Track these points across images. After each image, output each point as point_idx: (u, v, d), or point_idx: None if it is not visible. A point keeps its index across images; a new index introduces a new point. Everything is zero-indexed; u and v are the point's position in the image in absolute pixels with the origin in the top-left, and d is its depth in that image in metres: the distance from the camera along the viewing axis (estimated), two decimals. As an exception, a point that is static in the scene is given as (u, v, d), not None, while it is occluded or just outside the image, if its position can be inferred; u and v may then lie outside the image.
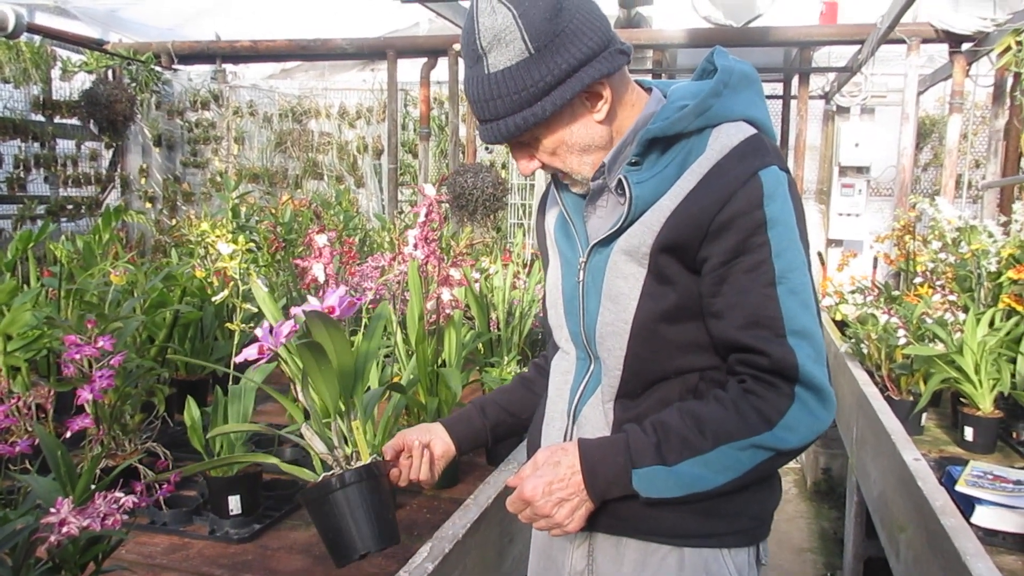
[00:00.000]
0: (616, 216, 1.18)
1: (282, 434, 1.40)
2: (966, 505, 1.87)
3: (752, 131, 1.15)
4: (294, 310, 1.31)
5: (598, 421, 1.23)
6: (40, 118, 5.61)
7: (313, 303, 1.27)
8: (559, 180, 1.29)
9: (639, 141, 1.16)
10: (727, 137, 1.13)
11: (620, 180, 1.16)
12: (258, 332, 1.25)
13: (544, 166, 1.21)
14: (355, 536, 1.25)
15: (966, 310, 2.61)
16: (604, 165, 1.18)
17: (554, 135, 1.15)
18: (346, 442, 1.37)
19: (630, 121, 1.20)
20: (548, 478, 1.15)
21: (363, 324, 1.49)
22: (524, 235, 5.54)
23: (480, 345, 2.54)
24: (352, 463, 1.32)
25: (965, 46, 4.82)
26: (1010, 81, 4.85)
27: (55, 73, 5.68)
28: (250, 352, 1.23)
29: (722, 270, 1.11)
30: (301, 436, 1.35)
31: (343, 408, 1.35)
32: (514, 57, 1.08)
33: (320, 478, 1.28)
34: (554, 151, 1.17)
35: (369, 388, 1.60)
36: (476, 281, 2.68)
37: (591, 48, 1.10)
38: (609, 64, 1.11)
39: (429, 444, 1.41)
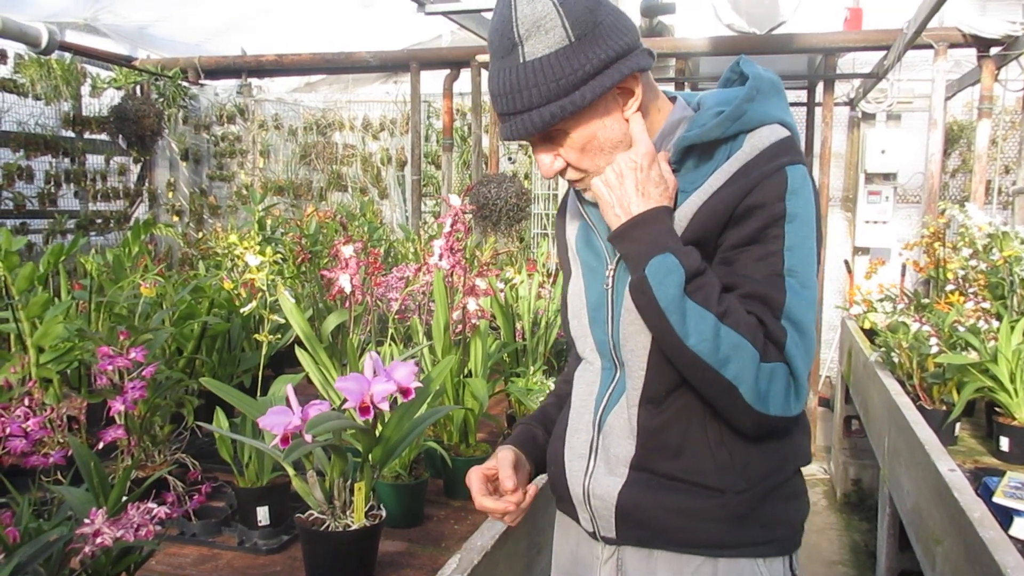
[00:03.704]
0: None
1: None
2: (1004, 517, 1.84)
3: (786, 133, 1.16)
4: (315, 408, 1.32)
5: (623, 428, 1.21)
6: (70, 134, 5.70)
7: (350, 387, 1.27)
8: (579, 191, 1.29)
9: (676, 148, 1.17)
10: (759, 139, 1.14)
11: None
12: (274, 418, 1.27)
13: (568, 167, 1.19)
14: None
15: (999, 318, 2.57)
16: None
17: (586, 129, 1.13)
18: (347, 501, 1.45)
19: (657, 126, 1.20)
20: (651, 182, 1.14)
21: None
22: (548, 245, 5.54)
23: (506, 355, 2.53)
24: (347, 513, 1.44)
25: (993, 50, 4.75)
26: (1040, 85, 4.78)
27: (85, 89, 5.78)
28: (274, 425, 1.26)
29: (732, 252, 1.12)
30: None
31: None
32: (554, 44, 1.07)
33: (311, 519, 1.45)
34: (583, 147, 1.15)
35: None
36: (501, 291, 2.68)
37: (626, 43, 1.10)
38: (642, 61, 1.12)
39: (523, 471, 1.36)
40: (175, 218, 6.51)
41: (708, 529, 1.16)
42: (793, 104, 6.42)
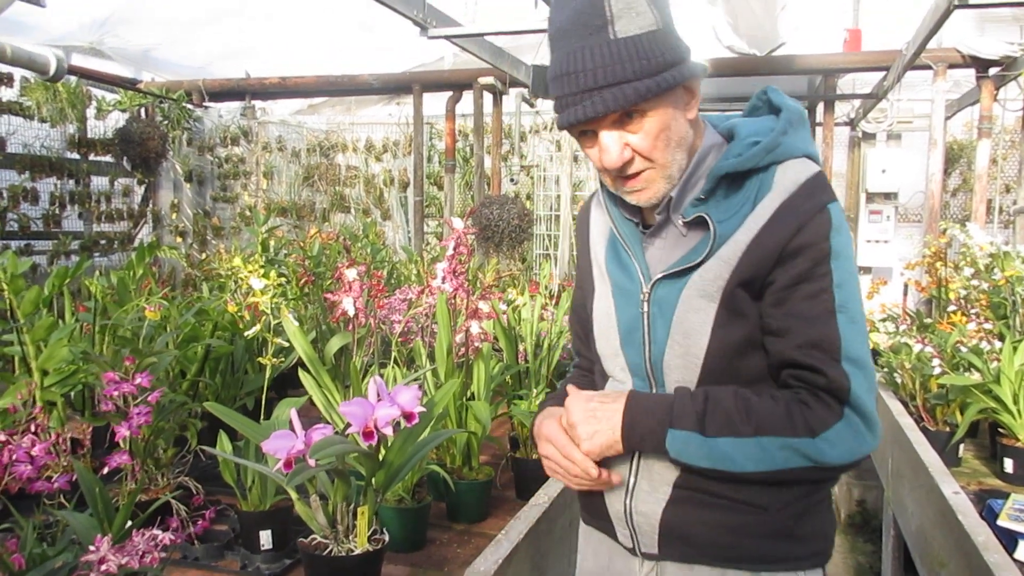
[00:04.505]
0: (681, 250, 1.20)
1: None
2: (1008, 540, 1.83)
3: (816, 168, 1.18)
4: (319, 433, 1.32)
5: None
6: (75, 156, 5.74)
7: (354, 411, 1.27)
8: (610, 205, 1.29)
9: (711, 177, 1.18)
10: (795, 173, 1.16)
11: (700, 217, 1.17)
12: (277, 443, 1.28)
13: (635, 157, 1.16)
14: None
15: (1002, 338, 2.57)
16: (671, 198, 1.20)
17: (664, 114, 1.13)
18: (350, 526, 1.44)
19: (697, 145, 1.22)
20: (593, 404, 1.20)
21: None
22: (551, 266, 5.54)
23: (508, 377, 2.53)
24: (350, 537, 1.42)
25: (992, 71, 4.79)
26: (1039, 105, 4.80)
27: (90, 112, 5.83)
28: (278, 449, 1.27)
29: (783, 293, 1.14)
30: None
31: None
32: (645, 26, 1.10)
33: (314, 543, 1.43)
34: (658, 134, 1.14)
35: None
36: (503, 313, 2.68)
37: (686, 45, 1.14)
38: (701, 65, 1.16)
39: None
40: (179, 239, 6.54)
41: (751, 545, 1.19)
42: (793, 124, 6.46)
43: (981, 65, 4.78)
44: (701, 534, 1.19)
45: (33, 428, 1.43)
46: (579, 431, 1.19)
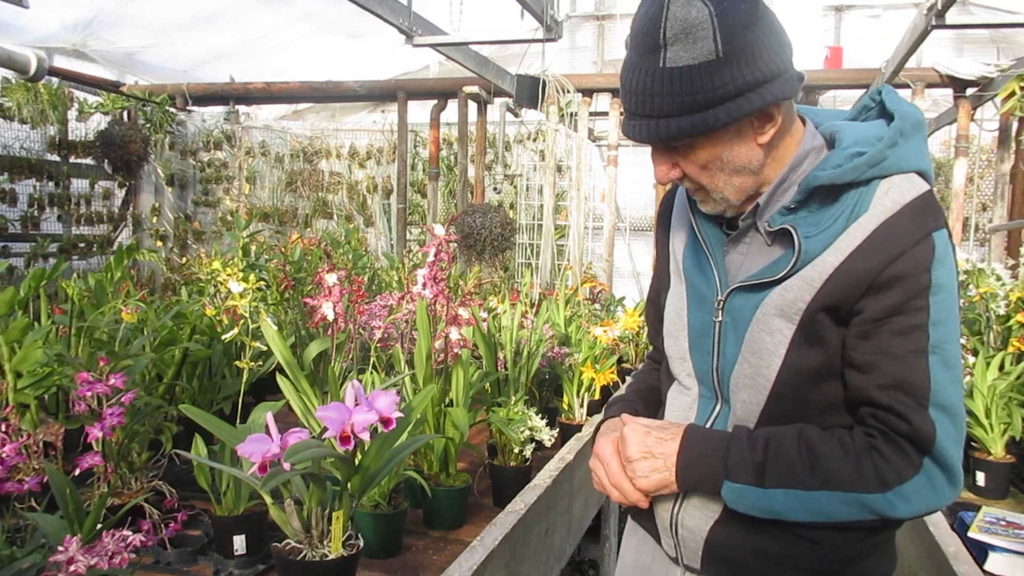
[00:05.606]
0: (763, 260, 1.13)
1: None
2: (979, 552, 1.85)
3: (925, 187, 1.07)
4: (294, 437, 1.32)
5: None
6: (55, 158, 5.70)
7: (331, 416, 1.27)
8: (694, 203, 1.23)
9: (803, 188, 1.08)
10: (899, 192, 1.05)
11: (785, 228, 1.09)
12: (252, 446, 1.27)
13: (684, 177, 1.12)
14: None
15: (975, 353, 2.60)
16: (758, 205, 1.12)
17: (712, 149, 1.06)
18: (324, 531, 1.43)
19: (789, 153, 1.12)
20: (650, 441, 1.14)
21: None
22: (532, 275, 5.55)
23: (487, 384, 2.53)
24: (324, 542, 1.42)
25: (969, 91, 4.86)
26: (1015, 126, 4.89)
27: (71, 114, 5.80)
28: (252, 453, 1.26)
29: (871, 326, 1.05)
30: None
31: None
32: (699, 56, 1.00)
33: (288, 548, 1.42)
34: (705, 165, 1.08)
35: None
36: (484, 320, 2.69)
37: (776, 67, 1.02)
38: (788, 88, 1.04)
39: None
40: (159, 243, 6.50)
41: None
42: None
43: (958, 85, 4.86)
44: (746, 560, 1.13)
45: (4, 429, 1.42)
46: (635, 468, 1.13)
